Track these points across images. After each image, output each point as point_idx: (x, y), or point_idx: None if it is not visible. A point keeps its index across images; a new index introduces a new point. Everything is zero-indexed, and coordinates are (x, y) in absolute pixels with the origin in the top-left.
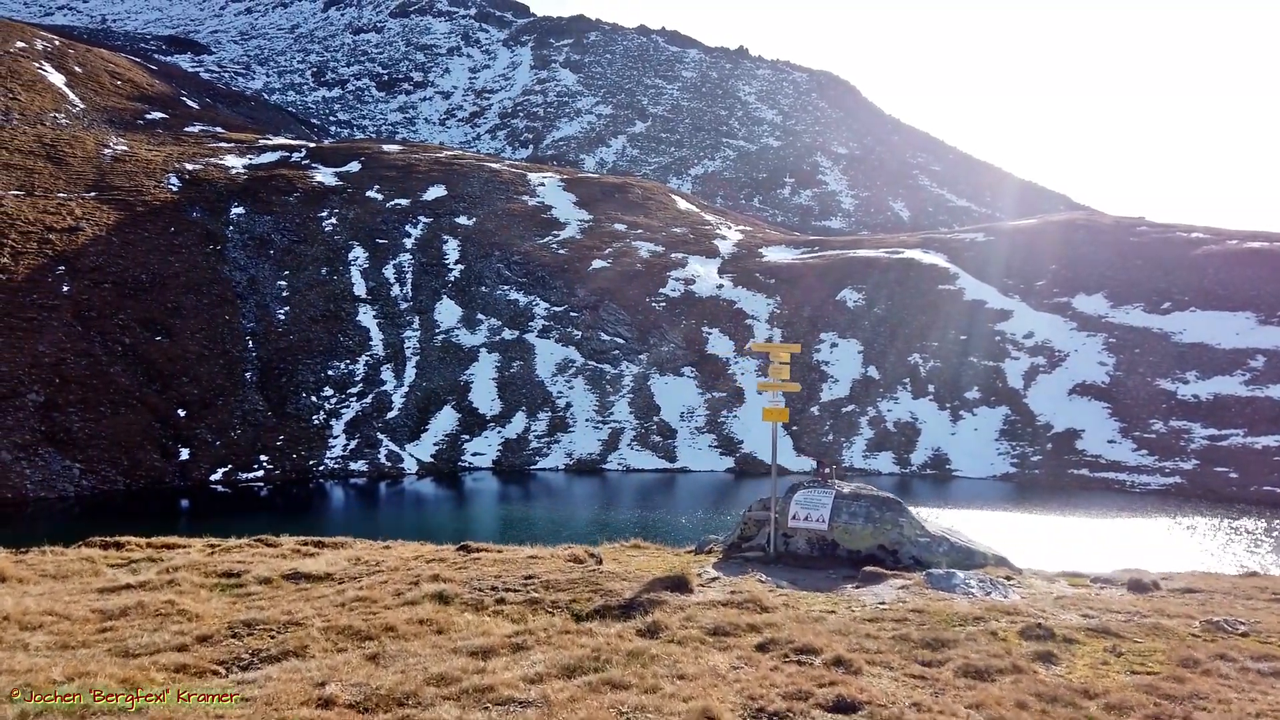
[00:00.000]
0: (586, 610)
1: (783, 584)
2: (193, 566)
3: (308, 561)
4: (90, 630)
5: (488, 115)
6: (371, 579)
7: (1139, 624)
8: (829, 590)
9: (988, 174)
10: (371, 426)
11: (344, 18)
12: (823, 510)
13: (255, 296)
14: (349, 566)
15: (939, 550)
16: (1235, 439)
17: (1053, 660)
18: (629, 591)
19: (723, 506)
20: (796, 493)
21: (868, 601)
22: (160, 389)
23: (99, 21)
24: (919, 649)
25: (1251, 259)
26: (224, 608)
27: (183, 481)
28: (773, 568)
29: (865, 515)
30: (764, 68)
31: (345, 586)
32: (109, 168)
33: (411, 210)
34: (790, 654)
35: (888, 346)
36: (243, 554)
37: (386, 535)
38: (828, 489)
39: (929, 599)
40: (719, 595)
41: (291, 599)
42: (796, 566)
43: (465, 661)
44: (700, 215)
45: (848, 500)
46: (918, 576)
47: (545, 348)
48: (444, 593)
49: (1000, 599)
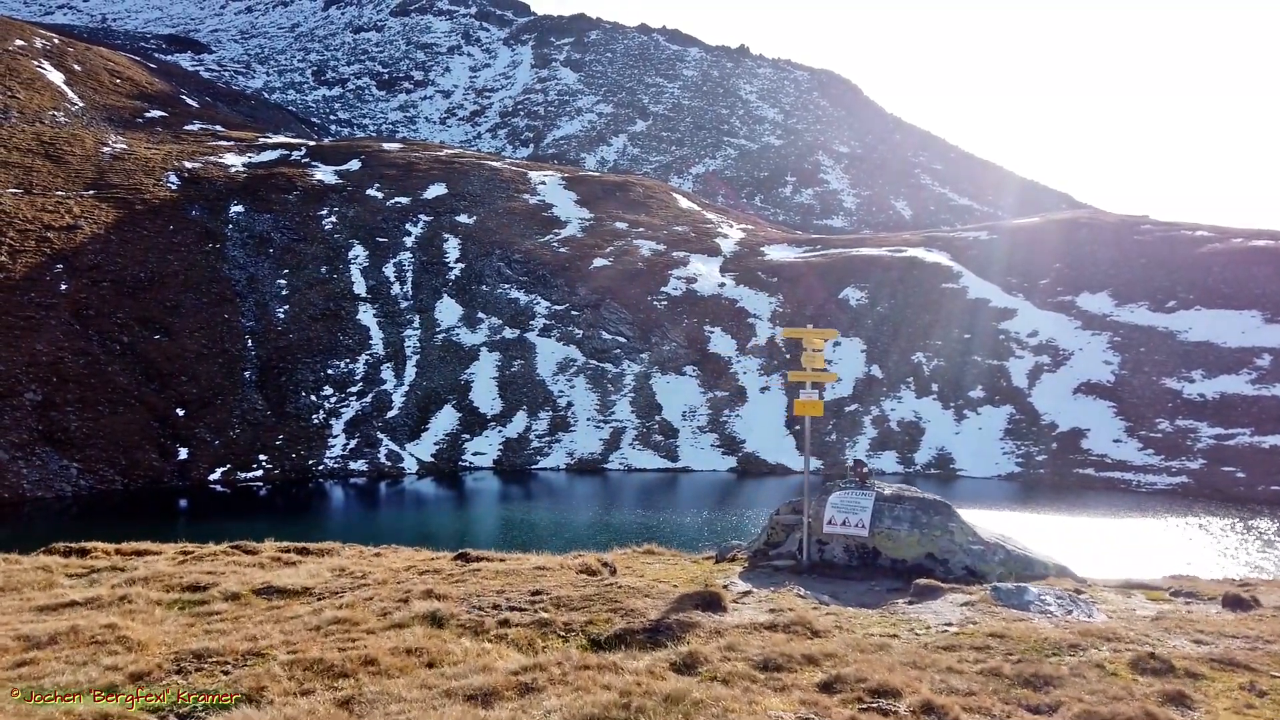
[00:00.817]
0: (606, 635)
1: (824, 599)
2: (156, 578)
3: (286, 573)
4: (4, 664)
5: (488, 114)
6: (355, 594)
7: (1267, 652)
8: (879, 606)
9: (989, 173)
10: (371, 426)
11: (344, 16)
12: (862, 515)
13: (255, 295)
14: (331, 579)
15: (994, 559)
16: (1242, 438)
17: (1187, 703)
18: (654, 611)
19: (728, 507)
20: (832, 495)
21: (930, 622)
22: (159, 388)
23: (99, 20)
24: (1017, 687)
25: (1257, 257)
26: (177, 632)
27: (181, 481)
28: (807, 579)
29: (910, 520)
30: (765, 66)
31: (324, 604)
32: (108, 166)
33: (412, 209)
34: (864, 696)
35: (891, 345)
36: (215, 563)
37: (382, 538)
38: (867, 491)
39: (1004, 620)
40: (758, 615)
41: (259, 620)
42: (834, 577)
43: (461, 711)
44: (702, 214)
45: (890, 503)
46: (982, 591)
47: (546, 347)
48: (438, 613)
49: (1085, 619)
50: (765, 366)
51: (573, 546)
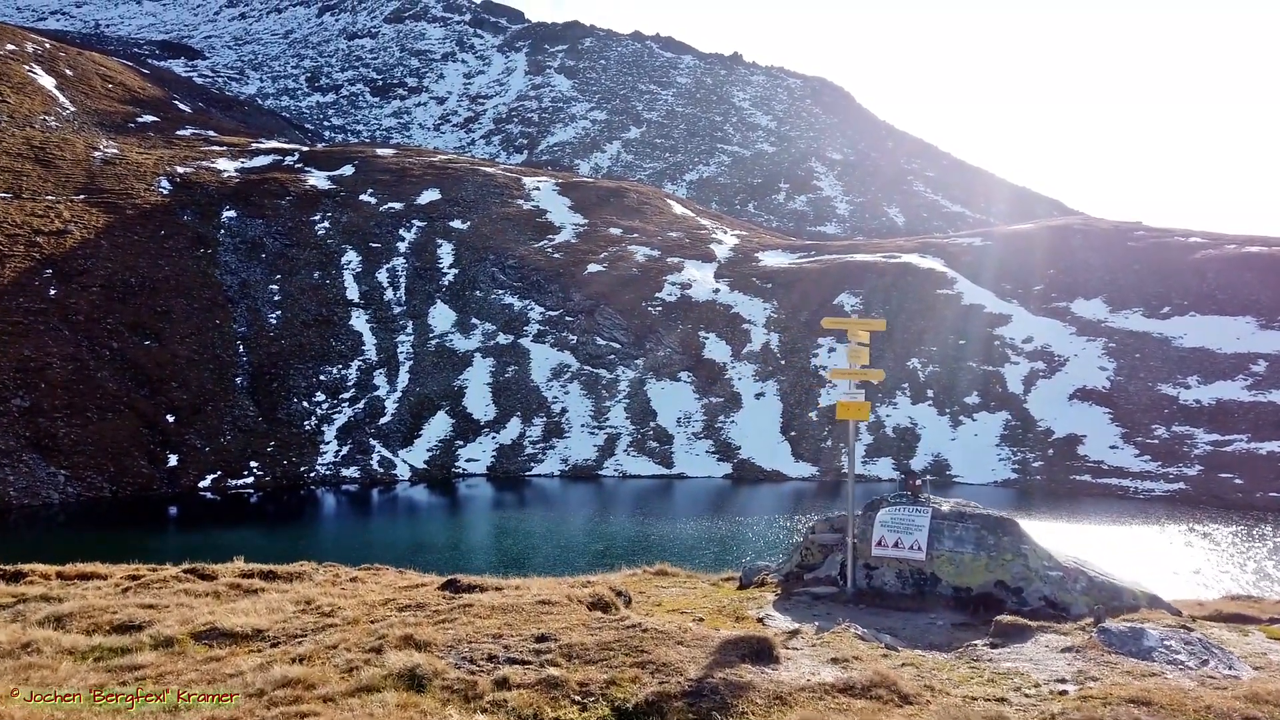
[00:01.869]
0: (635, 702)
1: (884, 637)
2: (85, 614)
3: (241, 606)
4: None
5: (482, 121)
6: (318, 640)
7: None
8: (952, 649)
9: (981, 180)
10: (364, 432)
11: (338, 23)
12: (918, 535)
13: (247, 300)
14: (292, 615)
15: (1076, 588)
16: (1239, 444)
17: None
18: (691, 665)
19: (727, 514)
20: (880, 512)
21: (1035, 677)
22: (149, 394)
23: (92, 27)
24: None
25: (1250, 263)
26: (72, 704)
27: (171, 489)
28: (854, 609)
29: (975, 541)
30: (758, 74)
31: (276, 654)
32: (99, 170)
33: (405, 214)
34: None
35: (886, 351)
36: (163, 592)
37: (370, 551)
38: (921, 507)
39: (1129, 674)
40: (821, 667)
41: (188, 679)
42: (885, 608)
43: None
44: (696, 220)
45: (950, 521)
46: (1081, 632)
47: (540, 352)
48: (417, 670)
49: (1228, 672)
50: (760, 372)
51: (572, 562)
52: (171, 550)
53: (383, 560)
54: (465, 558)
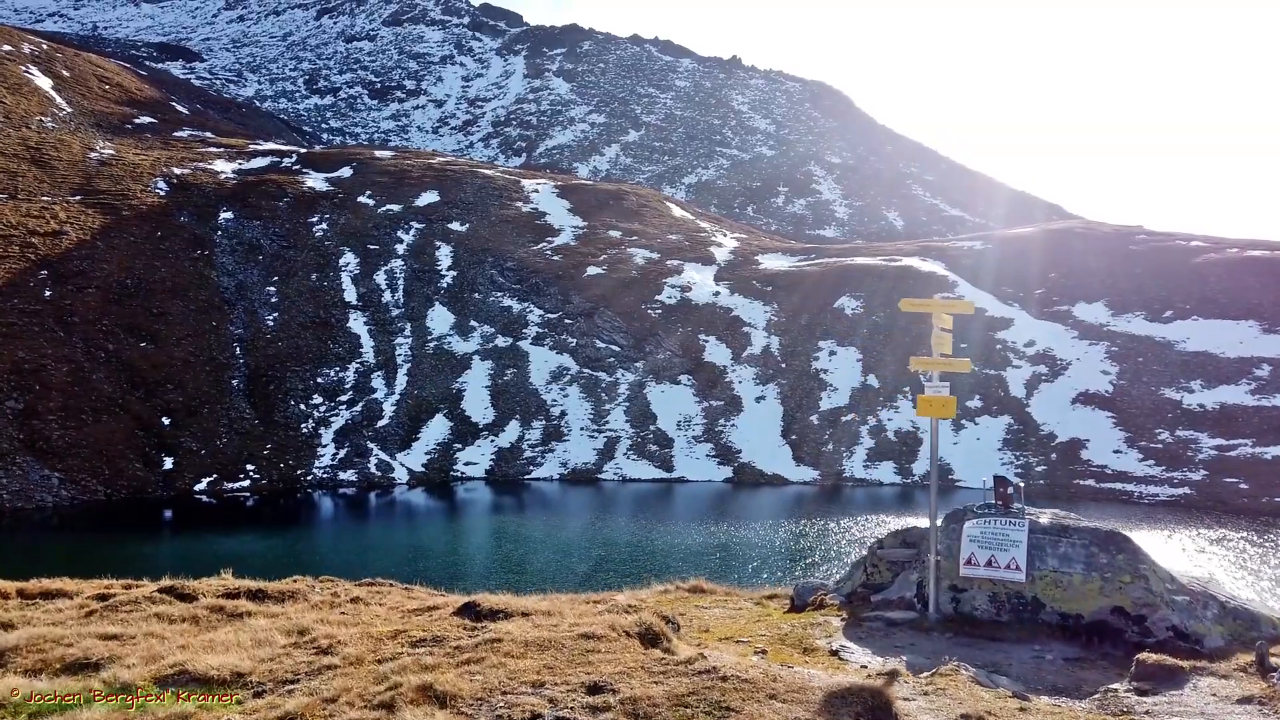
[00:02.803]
0: None
1: (1000, 680)
2: (33, 646)
3: (219, 638)
4: None
5: (481, 123)
6: (313, 686)
7: None
8: (1086, 696)
9: (980, 184)
10: (361, 435)
11: (336, 26)
12: (1014, 551)
13: (244, 302)
14: (282, 651)
15: (1207, 616)
16: (1244, 449)
17: None
18: None
19: (733, 519)
20: (967, 524)
21: None
22: (144, 396)
23: (90, 29)
24: None
25: (1252, 267)
26: None
27: (166, 492)
28: (941, 639)
29: (1085, 560)
30: (757, 78)
31: (260, 709)
32: (95, 171)
33: (404, 216)
34: None
35: (887, 354)
36: (132, 617)
37: (369, 561)
38: (1015, 519)
39: None
40: None
41: None
42: (977, 636)
43: None
44: (695, 222)
45: (1052, 536)
46: (1245, 677)
47: (539, 355)
48: None
49: None
50: (761, 375)
51: (586, 571)
52: (161, 557)
53: (384, 570)
54: (471, 567)
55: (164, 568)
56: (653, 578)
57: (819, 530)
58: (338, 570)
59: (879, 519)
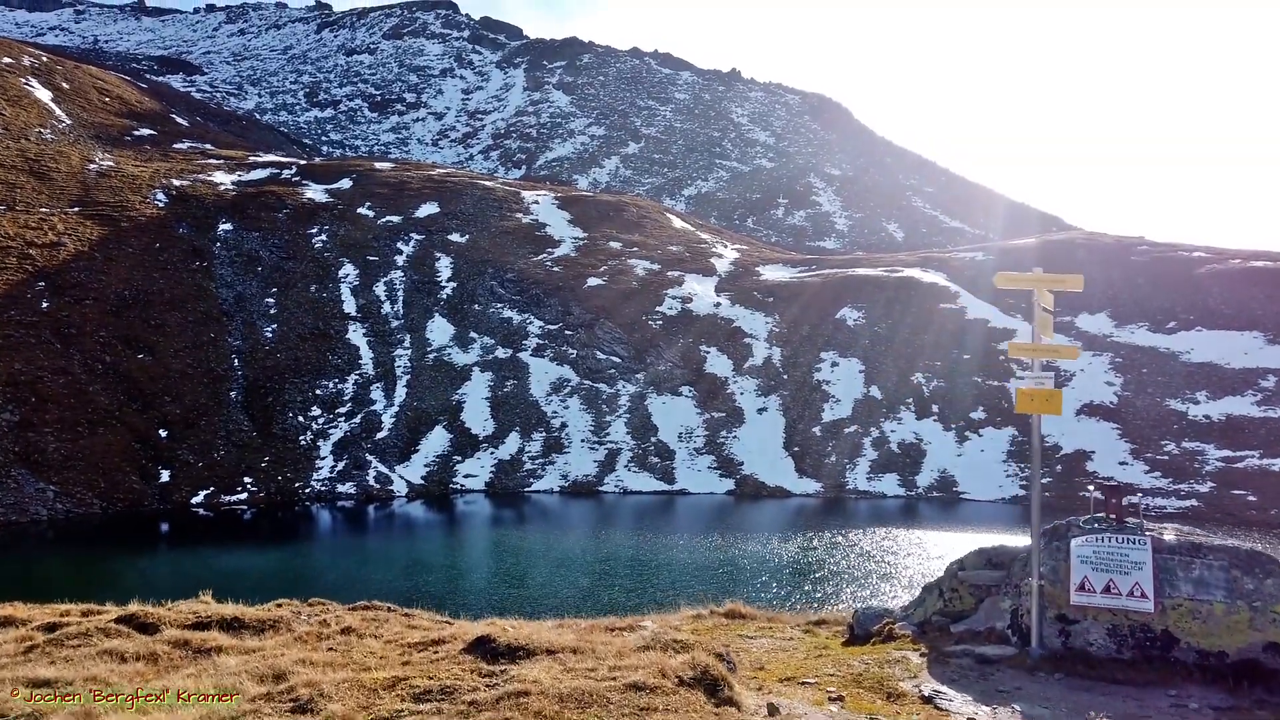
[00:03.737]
0: None
1: None
2: None
3: (174, 684)
4: None
5: (480, 136)
6: None
7: None
8: None
9: (979, 195)
10: (360, 447)
11: (337, 39)
12: (1137, 576)
13: (242, 314)
14: (248, 709)
15: None
16: (1251, 461)
17: None
18: None
19: (740, 532)
20: (1075, 542)
21: None
22: (141, 408)
23: (91, 42)
24: None
25: (1255, 278)
26: None
27: (163, 504)
28: (1050, 680)
29: (1226, 586)
30: (756, 90)
31: None
32: (94, 183)
33: (403, 227)
34: None
35: (889, 365)
36: (80, 652)
37: (366, 576)
38: (1134, 536)
39: None
40: None
41: None
42: (1094, 678)
43: None
44: (696, 234)
45: (1183, 557)
46: None
47: (540, 367)
48: None
49: None
50: (762, 387)
51: (601, 589)
52: (144, 574)
53: (381, 588)
54: (474, 584)
55: (143, 586)
56: (679, 599)
57: (827, 544)
58: (331, 590)
59: (886, 531)
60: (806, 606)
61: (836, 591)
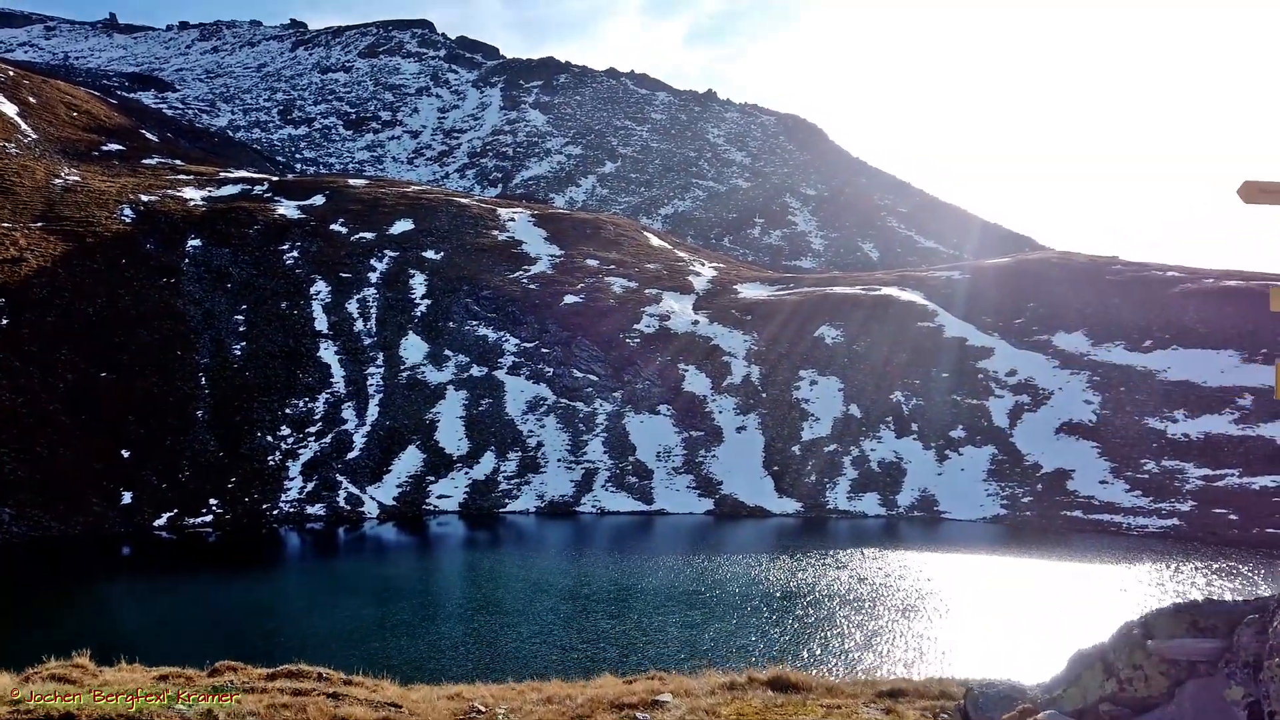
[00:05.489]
0: None
1: None
2: None
3: None
4: None
5: (456, 154)
6: None
7: None
8: None
9: (952, 216)
10: (330, 468)
11: (312, 57)
12: None
13: (211, 331)
14: None
15: None
16: (1231, 479)
17: None
18: None
19: (724, 554)
20: None
21: None
22: (103, 428)
23: (61, 59)
24: None
25: (1229, 297)
26: None
27: (125, 527)
28: None
29: None
30: (732, 111)
31: None
32: (59, 198)
33: (377, 244)
34: None
35: (868, 384)
36: None
37: (335, 614)
38: None
39: None
40: None
41: None
42: None
43: None
44: (673, 252)
45: None
46: None
47: (515, 385)
48: None
49: None
50: (741, 405)
51: (593, 634)
52: (51, 617)
53: (330, 635)
54: (441, 627)
55: (31, 634)
56: (705, 663)
57: (818, 564)
58: (270, 636)
59: (875, 552)
60: (840, 652)
61: (867, 631)
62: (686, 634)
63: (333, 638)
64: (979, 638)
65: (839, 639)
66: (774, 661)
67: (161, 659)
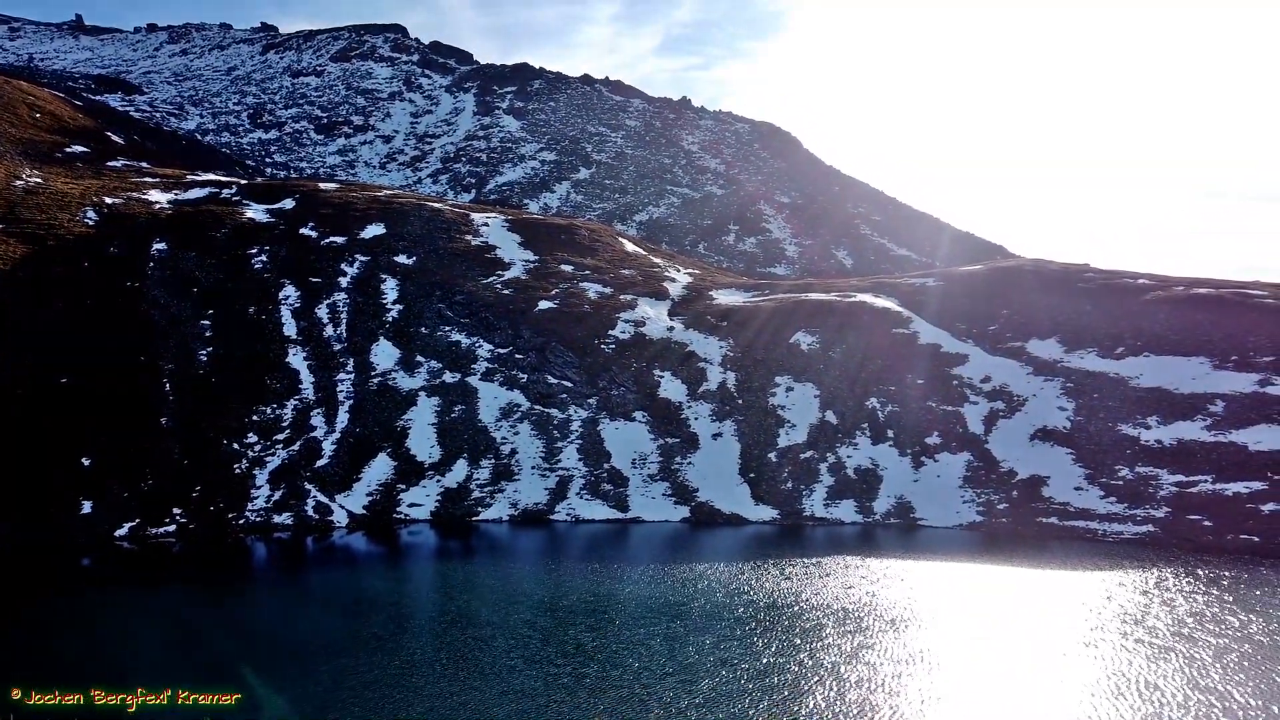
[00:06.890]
0: None
1: None
2: None
3: None
4: None
5: (430, 160)
6: None
7: None
8: None
9: (925, 224)
10: (299, 476)
11: (283, 61)
12: None
13: (176, 336)
14: None
15: None
16: (1205, 485)
17: None
18: None
19: (704, 562)
20: None
21: None
22: (63, 435)
23: (25, 60)
24: None
25: (1199, 304)
26: None
27: (84, 538)
28: None
29: None
30: (707, 118)
31: None
32: (20, 200)
33: (348, 248)
34: None
35: (844, 390)
36: None
37: (297, 641)
38: None
39: None
40: None
41: None
42: None
43: None
44: (648, 258)
45: None
46: None
47: (488, 391)
48: None
49: None
50: (717, 412)
51: (577, 663)
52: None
53: (313, 648)
54: (424, 642)
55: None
56: (690, 678)
57: (801, 573)
58: (231, 654)
59: (856, 560)
60: (829, 666)
61: (853, 644)
62: (670, 647)
63: (299, 654)
64: (966, 650)
65: (824, 651)
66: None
67: (97, 681)
